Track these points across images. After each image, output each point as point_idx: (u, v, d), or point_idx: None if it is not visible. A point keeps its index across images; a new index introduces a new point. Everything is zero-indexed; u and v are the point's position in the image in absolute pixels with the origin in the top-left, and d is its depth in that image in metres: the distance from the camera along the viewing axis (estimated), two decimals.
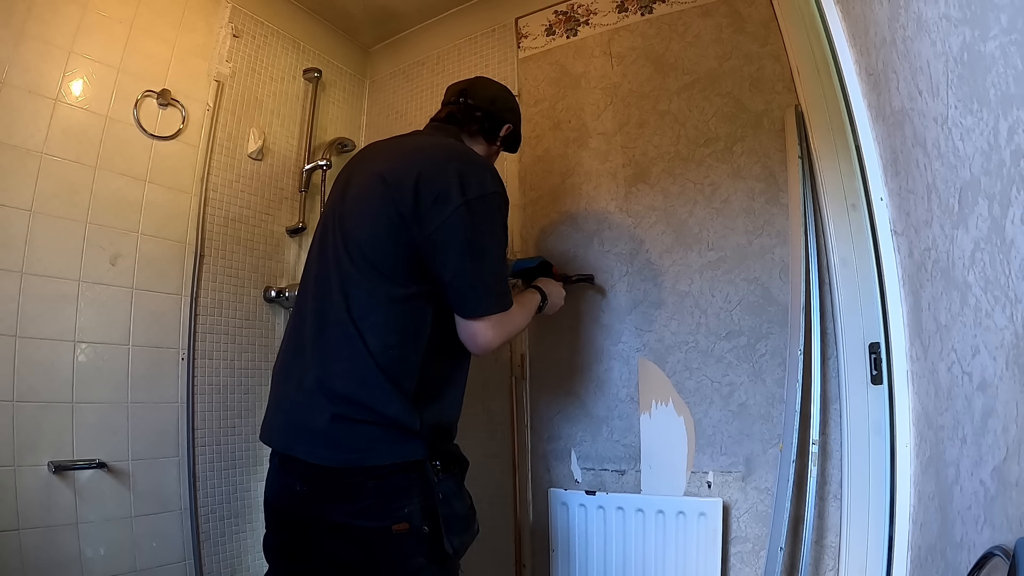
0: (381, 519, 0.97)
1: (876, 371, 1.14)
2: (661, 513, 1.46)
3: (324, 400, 1.00)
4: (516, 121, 1.37)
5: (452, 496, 1.02)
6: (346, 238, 1.07)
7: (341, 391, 1.00)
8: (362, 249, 1.04)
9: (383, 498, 0.98)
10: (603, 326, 1.68)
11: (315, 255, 1.15)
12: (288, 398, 1.08)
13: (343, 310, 1.03)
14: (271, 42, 1.99)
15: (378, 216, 1.04)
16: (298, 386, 1.05)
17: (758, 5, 1.57)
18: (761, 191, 1.50)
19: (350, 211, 1.10)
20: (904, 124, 0.78)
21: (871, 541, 1.12)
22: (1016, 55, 0.47)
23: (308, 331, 1.07)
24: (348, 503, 0.99)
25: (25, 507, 1.26)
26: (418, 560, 0.98)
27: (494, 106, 1.30)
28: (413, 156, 1.09)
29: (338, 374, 1.01)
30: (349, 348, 1.01)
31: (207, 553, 1.58)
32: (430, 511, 0.99)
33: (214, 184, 1.75)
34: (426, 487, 1.00)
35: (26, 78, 1.36)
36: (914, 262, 0.82)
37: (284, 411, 1.09)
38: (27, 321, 1.32)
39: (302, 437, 1.03)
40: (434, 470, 1.01)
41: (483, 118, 1.27)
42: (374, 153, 1.21)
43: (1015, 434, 0.51)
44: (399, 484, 0.98)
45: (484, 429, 1.83)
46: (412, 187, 1.01)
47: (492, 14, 2.08)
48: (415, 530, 0.97)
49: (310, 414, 1.01)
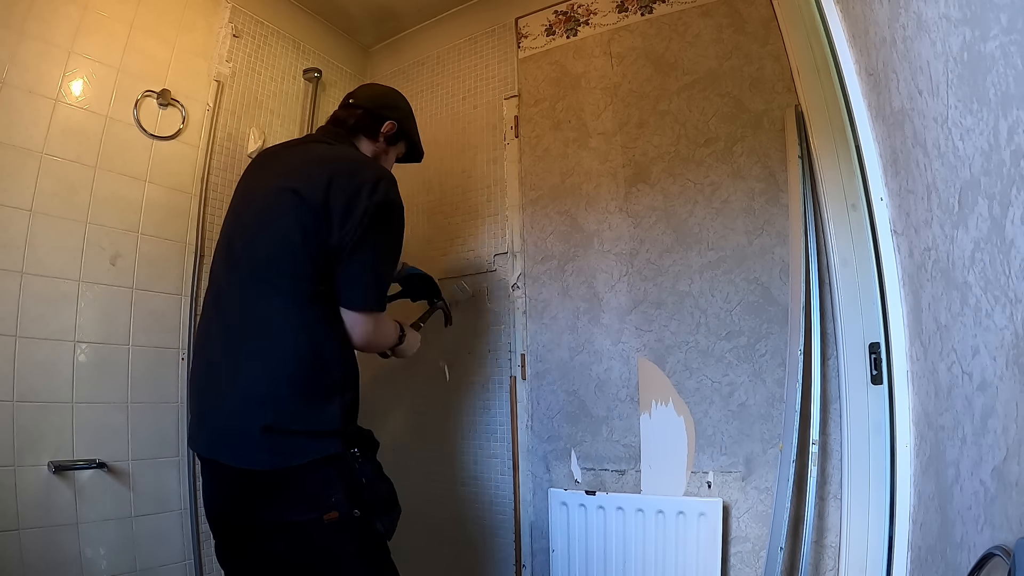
0: (311, 511, 1.02)
1: (876, 371, 1.14)
2: (661, 513, 1.46)
3: (245, 405, 1.04)
4: (402, 119, 1.38)
5: (374, 478, 1.08)
6: (254, 248, 1.11)
7: (261, 395, 1.04)
8: (272, 258, 1.08)
9: (311, 491, 1.03)
10: (603, 326, 1.68)
11: (221, 268, 1.18)
12: (211, 406, 1.12)
13: (256, 317, 1.07)
14: (271, 42, 1.99)
15: (289, 227, 1.08)
16: (219, 394, 1.09)
17: (758, 5, 1.57)
18: (761, 191, 1.50)
19: (256, 223, 1.14)
20: (904, 124, 0.78)
21: (871, 541, 1.12)
22: (1016, 55, 0.47)
23: (222, 339, 1.11)
24: (278, 501, 1.04)
25: (25, 507, 1.26)
26: (350, 548, 1.04)
27: (374, 103, 1.36)
28: (321, 168, 1.13)
29: (258, 378, 1.05)
30: (265, 352, 1.06)
31: (207, 553, 1.57)
32: (356, 497, 1.04)
33: (214, 184, 1.75)
34: (349, 475, 1.05)
35: (26, 78, 1.36)
36: (914, 262, 0.82)
37: (208, 419, 1.12)
38: (27, 321, 1.32)
39: (227, 443, 1.07)
40: (354, 457, 1.06)
41: (363, 115, 1.32)
42: (273, 164, 1.24)
43: (1015, 434, 0.51)
44: (324, 476, 1.03)
45: (484, 429, 1.83)
46: (323, 197, 1.07)
47: (492, 14, 2.08)
48: (344, 517, 1.02)
49: (233, 420, 1.05)
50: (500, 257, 1.89)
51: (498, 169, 1.95)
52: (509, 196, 1.91)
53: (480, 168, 1.98)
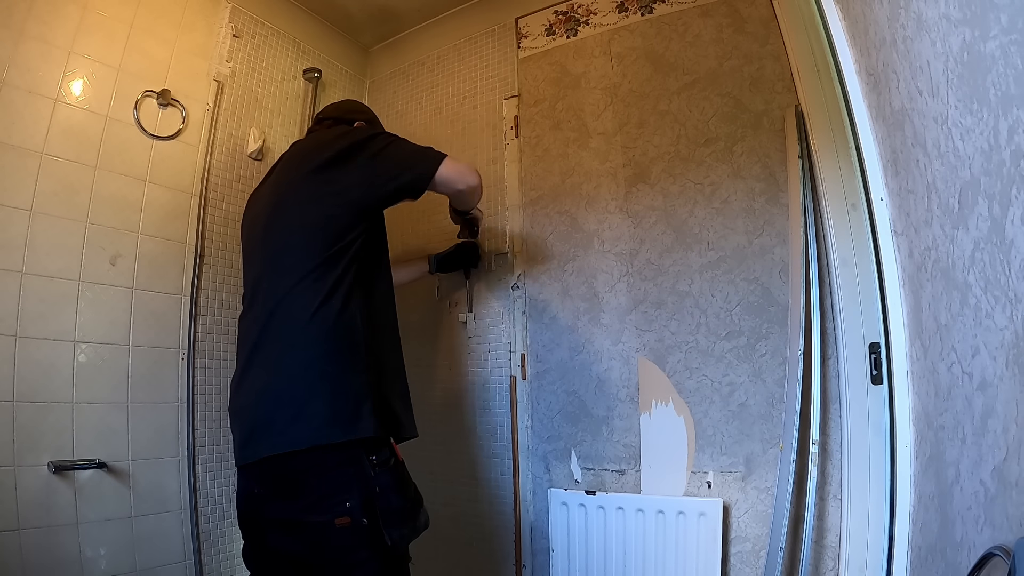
0: (325, 513, 1.02)
1: (876, 371, 1.14)
2: (661, 513, 1.46)
3: (274, 401, 1.07)
4: (368, 120, 1.48)
5: (389, 490, 1.07)
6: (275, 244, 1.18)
7: (289, 385, 1.07)
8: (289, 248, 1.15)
9: (326, 493, 1.04)
10: (603, 326, 1.68)
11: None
12: (246, 407, 1.14)
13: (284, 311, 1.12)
14: (271, 42, 1.99)
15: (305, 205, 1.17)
16: (253, 393, 1.12)
17: (758, 5, 1.57)
18: (761, 191, 1.50)
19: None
20: (904, 124, 0.78)
21: (871, 541, 1.12)
22: (1016, 55, 0.47)
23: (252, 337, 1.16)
24: (296, 499, 1.06)
25: (25, 507, 1.26)
26: (362, 553, 1.03)
27: (340, 111, 1.48)
28: (308, 151, 1.26)
29: (284, 371, 1.08)
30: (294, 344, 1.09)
31: (207, 553, 1.57)
32: (368, 505, 1.03)
33: (214, 184, 1.75)
34: (364, 481, 1.04)
35: (26, 78, 1.36)
36: (914, 262, 0.82)
37: (240, 422, 1.14)
38: (27, 321, 1.32)
39: (258, 440, 1.08)
40: (371, 464, 1.05)
41: (333, 124, 1.41)
42: (264, 182, 1.37)
43: (1015, 434, 0.51)
44: (341, 479, 1.04)
45: (484, 429, 1.83)
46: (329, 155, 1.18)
47: (492, 14, 2.08)
48: (356, 523, 1.02)
49: (263, 416, 1.08)
50: (500, 257, 1.89)
51: (498, 169, 1.95)
52: (509, 196, 1.91)
53: (480, 168, 1.97)
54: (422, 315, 2.01)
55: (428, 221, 2.05)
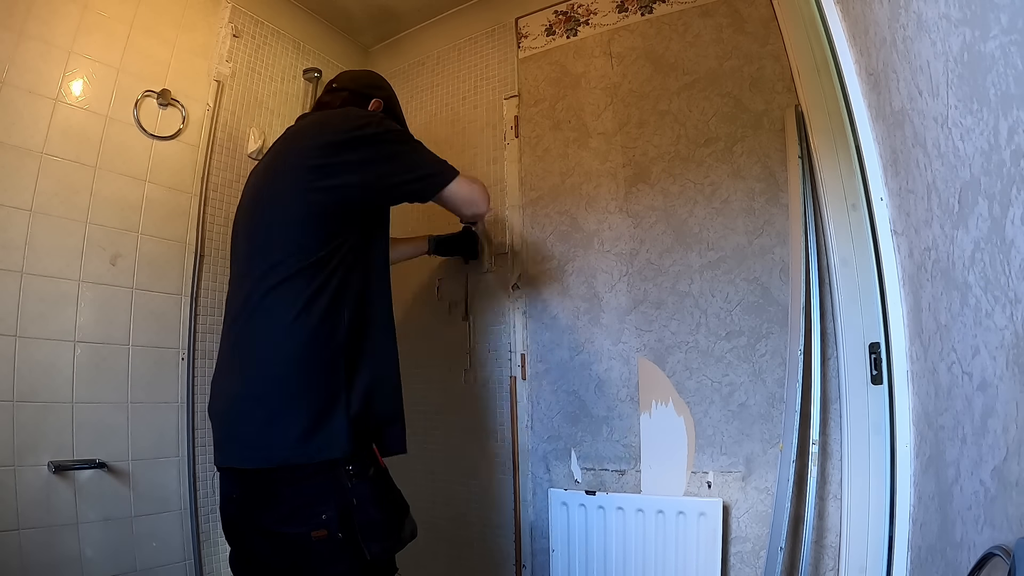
0: (302, 525, 0.97)
1: (876, 371, 1.14)
2: (661, 513, 1.46)
3: (246, 412, 1.03)
4: (387, 98, 1.41)
5: (367, 502, 1.00)
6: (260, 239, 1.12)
7: (262, 395, 1.02)
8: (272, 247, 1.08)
9: (301, 504, 0.98)
10: (603, 326, 1.68)
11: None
12: (221, 412, 1.10)
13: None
14: (271, 42, 1.99)
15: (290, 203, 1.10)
16: (227, 398, 1.08)
17: (758, 5, 1.57)
18: (761, 191, 1.50)
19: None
20: (904, 124, 0.78)
21: (871, 541, 1.12)
22: (1016, 55, 0.47)
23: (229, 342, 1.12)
24: (271, 509, 1.00)
25: (25, 507, 1.26)
26: (340, 567, 0.98)
27: (358, 83, 1.40)
28: (307, 136, 1.18)
29: (258, 378, 1.03)
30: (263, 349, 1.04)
31: (207, 553, 1.57)
32: (346, 517, 0.97)
33: (214, 184, 1.75)
34: (340, 493, 0.98)
35: (26, 78, 1.36)
36: (914, 262, 0.82)
37: (216, 426, 1.11)
38: (27, 321, 1.32)
39: (229, 450, 1.05)
40: (347, 475, 0.99)
41: (348, 96, 1.35)
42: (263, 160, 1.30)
43: (1015, 434, 0.51)
44: (316, 490, 0.98)
45: (484, 429, 1.83)
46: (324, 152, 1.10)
47: (492, 14, 2.08)
48: (332, 537, 0.96)
49: (235, 426, 1.04)
50: (500, 257, 1.89)
51: (498, 169, 1.95)
52: (509, 196, 1.91)
53: (480, 168, 1.98)
54: (422, 315, 2.01)
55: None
